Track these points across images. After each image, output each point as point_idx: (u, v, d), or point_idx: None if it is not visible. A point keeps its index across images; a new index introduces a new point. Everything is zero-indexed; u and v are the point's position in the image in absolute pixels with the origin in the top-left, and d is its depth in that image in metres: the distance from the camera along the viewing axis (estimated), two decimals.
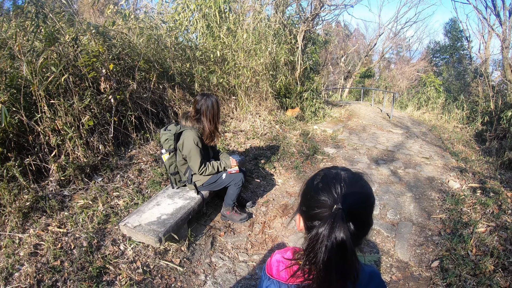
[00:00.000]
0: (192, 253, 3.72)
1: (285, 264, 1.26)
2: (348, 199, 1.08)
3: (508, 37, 13.71)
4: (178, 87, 6.96)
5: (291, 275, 1.18)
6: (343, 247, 1.00)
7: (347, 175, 1.16)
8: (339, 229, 1.00)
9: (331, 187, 1.12)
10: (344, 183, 1.12)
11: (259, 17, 8.87)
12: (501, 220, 4.59)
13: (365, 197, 1.14)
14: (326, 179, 1.16)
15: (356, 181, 1.15)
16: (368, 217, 1.15)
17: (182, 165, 4.13)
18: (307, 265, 1.09)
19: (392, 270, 3.77)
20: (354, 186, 1.12)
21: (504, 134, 9.95)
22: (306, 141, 8.14)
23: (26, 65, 4.14)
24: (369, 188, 1.17)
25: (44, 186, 4.12)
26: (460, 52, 36.35)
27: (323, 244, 1.02)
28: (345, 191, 1.10)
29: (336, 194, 1.09)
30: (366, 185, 1.17)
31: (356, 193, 1.12)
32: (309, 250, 1.07)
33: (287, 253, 1.33)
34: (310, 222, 1.16)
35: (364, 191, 1.15)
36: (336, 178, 1.14)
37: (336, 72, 36.34)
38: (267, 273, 1.32)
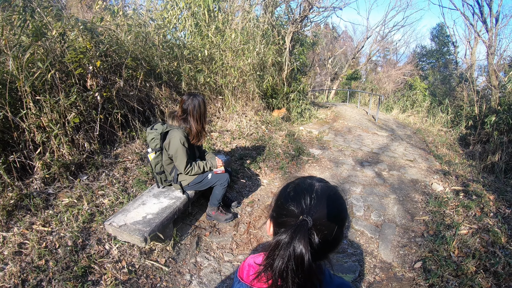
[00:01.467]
0: (178, 253, 3.74)
1: (255, 269, 1.25)
2: (316, 212, 1.08)
3: (493, 43, 13.96)
4: (165, 86, 6.94)
5: (253, 278, 1.19)
6: (300, 258, 1.01)
7: (321, 187, 1.16)
8: (299, 240, 1.02)
9: (301, 197, 1.12)
10: (315, 195, 1.12)
11: (248, 17, 8.89)
12: (483, 222, 4.72)
13: (335, 211, 1.12)
14: (298, 189, 1.17)
15: (329, 194, 1.15)
16: (336, 232, 1.11)
17: (168, 165, 4.14)
18: (266, 270, 1.10)
19: (376, 271, 3.84)
20: (325, 200, 1.12)
21: (488, 138, 10.15)
22: (292, 142, 8.20)
23: (12, 60, 4.09)
24: (341, 203, 1.17)
25: (29, 183, 4.08)
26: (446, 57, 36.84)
27: (281, 252, 1.04)
28: (314, 203, 1.10)
29: (305, 205, 1.10)
30: (338, 199, 1.17)
31: (325, 206, 1.10)
32: (268, 255, 1.09)
33: (259, 258, 1.33)
34: (278, 228, 1.16)
35: (335, 206, 1.14)
36: (308, 189, 1.14)
37: (323, 74, 36.48)
38: (238, 276, 1.36)
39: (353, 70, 34.55)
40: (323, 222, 1.08)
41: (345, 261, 3.92)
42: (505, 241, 4.22)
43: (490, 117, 10.17)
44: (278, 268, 1.05)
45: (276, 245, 1.07)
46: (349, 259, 3.97)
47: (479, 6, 14.40)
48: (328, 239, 1.09)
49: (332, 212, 1.10)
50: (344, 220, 1.16)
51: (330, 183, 1.22)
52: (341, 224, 1.13)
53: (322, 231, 1.07)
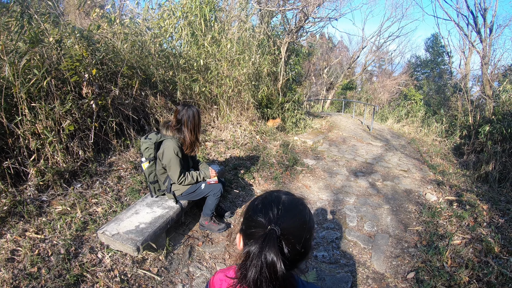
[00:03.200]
0: (170, 263, 3.74)
1: (228, 282, 1.30)
2: (283, 222, 1.13)
3: (488, 53, 14.06)
4: (160, 95, 6.96)
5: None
6: (272, 266, 1.05)
7: (287, 199, 1.22)
8: (269, 249, 1.06)
9: (268, 208, 1.17)
10: (282, 206, 1.18)
11: (244, 27, 8.93)
12: (477, 232, 4.74)
13: (301, 221, 1.17)
14: (265, 201, 1.22)
15: (295, 205, 1.21)
16: (303, 241, 1.16)
17: (162, 174, 4.15)
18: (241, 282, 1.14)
19: (368, 282, 3.85)
20: (291, 210, 1.18)
21: (482, 148, 10.18)
22: (286, 152, 8.22)
23: (8, 66, 4.10)
24: (306, 214, 1.21)
25: (22, 190, 4.08)
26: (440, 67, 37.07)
27: (253, 263, 1.08)
28: (281, 213, 1.15)
29: (272, 215, 1.15)
30: (304, 210, 1.22)
31: (292, 217, 1.16)
32: (241, 267, 1.15)
33: (230, 272, 1.37)
34: (248, 240, 1.19)
35: (301, 216, 1.19)
36: (275, 201, 1.20)
37: (318, 83, 36.66)
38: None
39: (349, 80, 34.77)
40: (291, 231, 1.13)
41: (338, 271, 3.92)
42: (498, 250, 4.24)
43: (484, 126, 10.22)
44: (252, 278, 1.08)
45: (247, 256, 1.12)
46: (341, 270, 3.97)
47: (473, 17, 14.54)
48: (297, 249, 1.14)
49: (299, 222, 1.17)
50: (311, 230, 1.21)
51: (296, 196, 1.28)
52: (308, 233, 1.18)
53: (290, 241, 1.12)
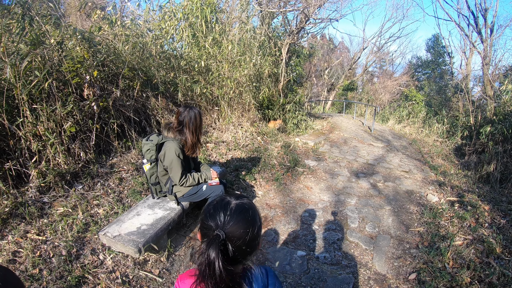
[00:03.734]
0: (172, 264, 3.74)
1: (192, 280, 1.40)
2: (229, 226, 1.32)
3: (488, 54, 14.03)
4: (162, 96, 6.96)
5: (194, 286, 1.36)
6: (213, 264, 1.24)
7: (235, 205, 1.39)
8: (212, 250, 1.25)
9: (216, 214, 1.36)
10: (229, 212, 1.36)
11: (245, 28, 8.94)
12: (478, 233, 4.74)
13: (246, 226, 1.35)
14: (216, 207, 1.40)
15: (242, 211, 1.38)
16: (248, 242, 1.36)
17: (163, 176, 4.15)
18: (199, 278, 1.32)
19: (370, 283, 3.84)
20: (238, 217, 1.35)
21: (483, 148, 10.17)
22: (288, 153, 8.22)
23: (10, 68, 4.11)
24: (253, 219, 1.40)
25: (24, 192, 4.08)
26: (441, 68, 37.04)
27: (199, 260, 1.29)
28: (227, 219, 1.34)
29: (220, 221, 1.34)
30: (251, 215, 1.40)
31: (237, 222, 1.34)
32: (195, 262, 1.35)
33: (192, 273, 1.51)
34: (203, 238, 1.40)
35: (246, 222, 1.36)
36: (223, 207, 1.38)
37: (319, 84, 36.67)
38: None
39: (350, 81, 34.76)
40: (236, 235, 1.33)
41: (339, 273, 3.92)
42: (500, 251, 4.24)
43: (485, 127, 10.21)
44: (200, 273, 1.29)
45: (198, 254, 1.33)
46: (343, 271, 3.97)
47: (474, 17, 14.53)
48: (243, 248, 1.36)
49: (243, 228, 1.35)
50: (255, 233, 1.40)
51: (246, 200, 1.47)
52: (252, 235, 1.37)
53: (236, 243, 1.33)
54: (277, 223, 5.01)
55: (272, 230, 4.82)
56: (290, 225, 5.01)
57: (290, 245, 4.47)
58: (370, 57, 34.39)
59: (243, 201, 1.42)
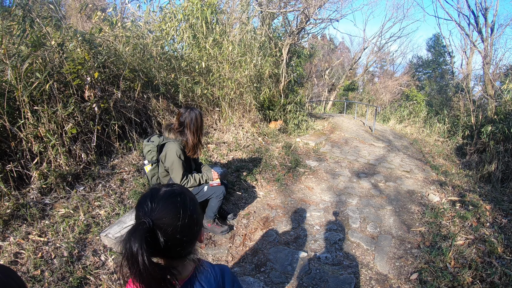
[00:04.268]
0: None
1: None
2: (156, 214, 1.18)
3: (489, 53, 14.02)
4: (163, 97, 6.97)
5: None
6: (135, 256, 1.07)
7: (164, 192, 1.26)
8: (134, 241, 1.08)
9: (143, 203, 1.22)
10: (157, 199, 1.22)
11: (245, 29, 8.94)
12: (480, 232, 4.73)
13: (176, 210, 1.21)
14: (144, 196, 1.27)
15: (170, 197, 1.24)
16: (181, 230, 1.22)
17: (164, 177, 4.15)
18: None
19: (372, 283, 3.83)
20: (166, 200, 1.22)
21: (484, 148, 10.16)
22: (289, 154, 8.22)
23: (11, 70, 4.12)
24: (183, 203, 1.25)
25: (25, 193, 4.10)
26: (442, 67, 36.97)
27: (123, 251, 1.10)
28: (154, 206, 1.20)
29: (147, 208, 1.20)
30: (181, 200, 1.25)
31: (165, 208, 1.20)
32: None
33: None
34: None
35: (175, 207, 1.22)
36: (151, 195, 1.25)
37: (320, 85, 36.66)
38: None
39: (350, 81, 34.76)
40: (165, 221, 1.18)
41: (341, 273, 3.91)
42: (502, 251, 4.23)
43: (486, 126, 10.20)
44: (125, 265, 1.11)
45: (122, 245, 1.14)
46: (344, 271, 3.96)
47: (474, 17, 14.53)
48: (177, 237, 1.21)
49: (173, 213, 1.21)
50: (191, 219, 1.26)
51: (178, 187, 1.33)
52: (184, 222, 1.23)
53: (166, 231, 1.18)
54: (278, 224, 5.01)
55: (273, 230, 4.81)
56: (292, 225, 5.01)
57: (291, 245, 4.47)
58: (371, 57, 34.38)
59: (173, 187, 1.31)
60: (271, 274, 3.80)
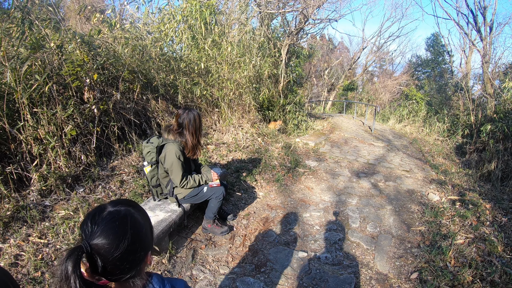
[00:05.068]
0: (173, 266, 3.74)
1: None
2: (95, 239, 1.15)
3: (488, 52, 14.01)
4: (162, 99, 6.98)
5: None
6: (68, 279, 1.06)
7: (109, 212, 1.22)
8: (69, 264, 1.06)
9: (85, 224, 1.19)
10: (98, 220, 1.19)
11: (244, 29, 8.95)
12: (480, 231, 4.73)
13: (114, 238, 1.17)
14: (88, 215, 1.23)
15: (112, 219, 1.20)
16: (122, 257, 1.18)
17: (164, 178, 4.16)
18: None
19: (372, 282, 3.83)
20: (107, 227, 1.18)
21: (484, 147, 10.15)
22: (288, 154, 8.22)
23: (10, 72, 4.13)
24: (123, 230, 1.20)
25: (25, 195, 4.09)
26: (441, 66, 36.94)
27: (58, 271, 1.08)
28: (95, 230, 1.17)
29: (87, 231, 1.17)
30: (122, 226, 1.21)
31: (105, 232, 1.17)
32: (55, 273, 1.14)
33: None
34: None
35: (116, 232, 1.18)
36: (93, 216, 1.21)
37: (319, 85, 36.69)
38: None
39: (350, 81, 34.76)
40: (103, 248, 1.15)
41: (341, 273, 3.92)
42: (502, 250, 4.23)
43: (486, 125, 10.19)
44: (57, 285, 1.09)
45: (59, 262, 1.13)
46: (344, 271, 3.97)
47: (473, 16, 14.54)
48: (117, 263, 1.18)
49: (111, 239, 1.16)
50: (132, 245, 1.21)
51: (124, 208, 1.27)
52: (128, 250, 1.20)
53: (104, 256, 1.15)
54: (278, 224, 5.02)
55: (273, 231, 4.82)
56: (291, 225, 5.02)
57: (291, 245, 4.47)
58: (370, 56, 34.44)
59: (118, 209, 1.25)
60: (271, 274, 3.80)
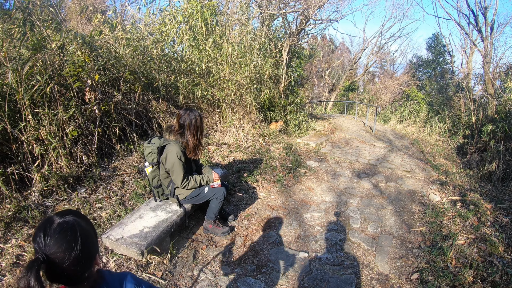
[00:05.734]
0: (174, 266, 3.75)
1: None
2: (49, 249, 1.22)
3: (489, 52, 13.98)
4: (163, 99, 6.98)
5: None
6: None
7: (58, 224, 1.28)
8: (31, 276, 1.13)
9: (37, 237, 1.25)
10: (50, 232, 1.25)
11: (245, 30, 8.96)
12: (481, 232, 4.73)
13: (68, 246, 1.25)
14: (38, 228, 1.28)
15: (62, 230, 1.27)
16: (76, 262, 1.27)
17: (165, 179, 4.16)
18: None
19: (373, 283, 3.83)
20: (58, 237, 1.25)
21: (485, 147, 10.15)
22: (289, 155, 8.22)
23: (11, 73, 4.14)
24: (74, 239, 1.28)
25: (27, 196, 4.10)
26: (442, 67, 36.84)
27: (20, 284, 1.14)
28: (48, 241, 1.23)
29: (41, 243, 1.23)
30: (73, 234, 1.29)
31: (58, 243, 1.24)
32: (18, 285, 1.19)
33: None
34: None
35: (68, 241, 1.26)
36: (44, 229, 1.26)
37: (320, 85, 36.63)
38: None
39: (351, 81, 34.70)
40: (58, 256, 1.23)
41: (342, 273, 3.92)
42: (503, 250, 4.23)
43: (487, 125, 10.18)
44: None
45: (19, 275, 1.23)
46: (345, 272, 3.97)
47: (474, 16, 14.52)
48: (71, 268, 1.26)
49: (65, 248, 1.24)
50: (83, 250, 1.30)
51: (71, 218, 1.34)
52: (81, 253, 1.28)
53: (60, 263, 1.24)
54: (279, 225, 5.02)
55: (274, 231, 4.82)
56: (292, 226, 5.02)
57: (292, 246, 4.48)
58: (371, 57, 34.38)
59: (66, 219, 1.32)
60: (272, 274, 3.80)
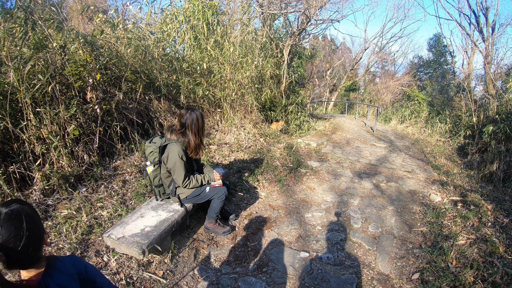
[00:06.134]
0: (175, 265, 3.75)
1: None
2: (1, 238, 1.33)
3: (490, 53, 14.02)
4: (164, 99, 6.98)
5: None
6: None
7: (5, 213, 1.37)
8: None
9: None
10: (0, 222, 1.35)
11: (246, 30, 8.95)
12: (481, 232, 4.72)
13: (17, 232, 1.36)
14: None
15: (10, 220, 1.37)
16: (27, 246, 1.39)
17: (167, 178, 4.16)
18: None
19: (373, 283, 3.84)
20: (7, 226, 1.35)
21: (486, 147, 10.16)
22: (290, 155, 8.22)
23: (13, 72, 4.14)
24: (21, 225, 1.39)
25: (28, 194, 4.11)
26: (443, 67, 36.81)
27: None
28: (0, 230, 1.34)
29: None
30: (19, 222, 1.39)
31: (8, 231, 1.35)
32: None
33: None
34: None
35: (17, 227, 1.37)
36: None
37: (321, 85, 36.61)
38: None
39: (352, 82, 34.69)
40: (11, 242, 1.34)
41: (343, 273, 3.92)
42: (503, 250, 4.23)
43: (488, 126, 10.19)
44: None
45: None
46: (346, 271, 3.97)
47: (475, 16, 14.57)
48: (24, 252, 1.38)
49: (15, 234, 1.36)
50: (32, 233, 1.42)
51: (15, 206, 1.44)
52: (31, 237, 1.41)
53: (15, 249, 1.35)
54: (280, 224, 5.02)
55: (275, 231, 4.82)
56: (293, 226, 5.02)
57: (293, 245, 4.48)
58: (372, 57, 34.29)
59: (12, 208, 1.41)
60: (273, 274, 3.81)
